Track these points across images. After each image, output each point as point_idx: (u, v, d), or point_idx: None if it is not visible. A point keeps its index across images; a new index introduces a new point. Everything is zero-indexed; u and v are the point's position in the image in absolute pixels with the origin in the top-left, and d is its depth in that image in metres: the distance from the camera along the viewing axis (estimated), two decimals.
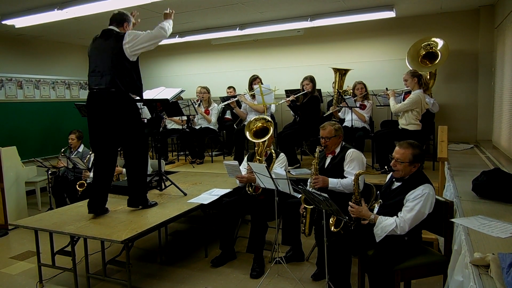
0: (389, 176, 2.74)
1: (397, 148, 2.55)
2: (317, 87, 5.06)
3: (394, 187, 2.60)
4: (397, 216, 2.42)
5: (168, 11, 3.45)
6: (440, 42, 5.21)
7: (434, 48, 5.28)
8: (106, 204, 3.36)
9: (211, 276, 3.39)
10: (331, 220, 2.77)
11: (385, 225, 2.42)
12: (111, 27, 3.30)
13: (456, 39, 5.51)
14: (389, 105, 4.55)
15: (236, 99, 5.46)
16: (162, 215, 3.23)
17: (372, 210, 2.64)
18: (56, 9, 4.56)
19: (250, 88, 5.35)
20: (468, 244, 1.85)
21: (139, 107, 5.42)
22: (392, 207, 2.50)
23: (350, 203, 2.63)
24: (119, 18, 3.33)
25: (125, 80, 3.16)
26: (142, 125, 3.49)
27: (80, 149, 5.18)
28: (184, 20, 5.69)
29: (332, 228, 2.73)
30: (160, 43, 7.15)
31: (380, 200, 2.68)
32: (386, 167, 2.58)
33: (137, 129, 3.32)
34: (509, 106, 4.13)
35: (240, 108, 5.55)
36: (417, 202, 2.38)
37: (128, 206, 3.43)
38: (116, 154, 3.40)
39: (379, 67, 6.03)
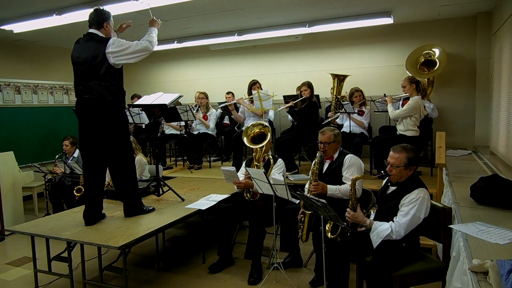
0: (385, 180, 2.73)
1: (391, 152, 2.54)
2: (315, 93, 5.07)
3: (389, 191, 2.60)
4: (393, 221, 2.42)
5: (154, 19, 3.29)
6: (439, 51, 5.25)
7: (432, 56, 5.32)
8: (101, 211, 3.32)
9: (208, 282, 3.37)
10: (327, 227, 2.76)
11: (381, 230, 2.42)
12: (91, 30, 3.12)
13: (454, 45, 5.54)
14: (387, 111, 4.56)
15: (234, 101, 5.47)
16: (159, 220, 3.21)
17: (369, 217, 2.63)
18: (54, 15, 4.57)
19: (249, 93, 5.35)
20: (467, 250, 1.85)
21: (138, 111, 5.45)
22: (388, 212, 2.50)
23: (347, 209, 2.62)
24: (97, 18, 3.11)
25: (111, 89, 3.05)
26: (127, 135, 3.32)
27: (75, 154, 5.17)
28: (183, 25, 5.70)
29: (329, 235, 2.72)
30: (158, 49, 7.12)
31: (376, 205, 2.68)
32: (382, 171, 2.58)
33: (122, 140, 3.21)
34: (506, 113, 4.14)
35: (238, 111, 5.56)
36: (412, 206, 2.38)
37: (125, 216, 3.36)
38: (105, 162, 3.26)
39: (377, 73, 6.05)
